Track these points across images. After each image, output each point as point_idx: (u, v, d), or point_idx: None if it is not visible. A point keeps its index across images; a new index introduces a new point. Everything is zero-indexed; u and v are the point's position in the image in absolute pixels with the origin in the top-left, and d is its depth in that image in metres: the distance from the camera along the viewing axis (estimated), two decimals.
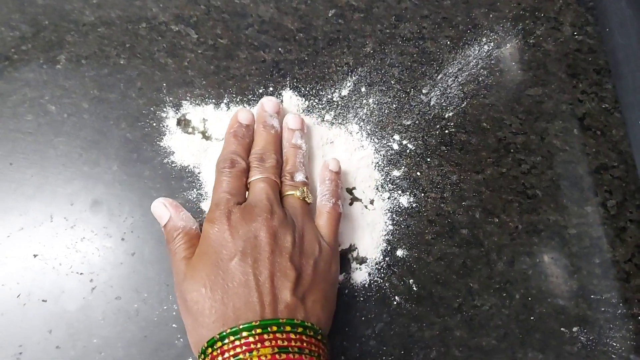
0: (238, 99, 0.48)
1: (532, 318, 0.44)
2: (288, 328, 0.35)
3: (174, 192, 0.45)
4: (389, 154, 0.47)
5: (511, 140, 0.48)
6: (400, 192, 0.46)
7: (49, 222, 0.44)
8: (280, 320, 0.35)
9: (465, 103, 0.49)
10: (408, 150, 0.48)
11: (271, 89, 0.48)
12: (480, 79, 0.50)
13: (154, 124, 0.47)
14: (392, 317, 0.43)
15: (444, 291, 0.44)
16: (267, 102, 0.45)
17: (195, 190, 0.45)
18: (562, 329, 0.44)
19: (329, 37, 0.50)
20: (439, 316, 0.44)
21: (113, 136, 0.46)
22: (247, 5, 0.51)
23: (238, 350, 0.33)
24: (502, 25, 0.52)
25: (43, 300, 0.42)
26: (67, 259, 0.43)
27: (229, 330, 0.34)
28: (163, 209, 0.42)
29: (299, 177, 0.43)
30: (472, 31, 0.51)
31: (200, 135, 0.47)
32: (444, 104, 0.49)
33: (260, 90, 0.48)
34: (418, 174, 0.47)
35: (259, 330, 0.34)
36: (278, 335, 0.34)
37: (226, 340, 0.34)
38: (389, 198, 0.46)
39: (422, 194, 0.47)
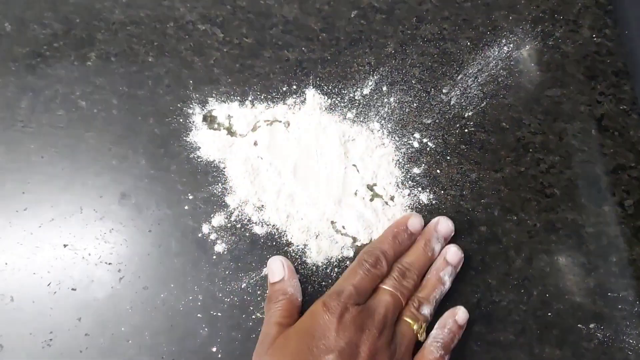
0: (262, 97, 0.49)
1: (549, 314, 0.45)
2: None
3: (200, 186, 0.46)
4: (409, 151, 0.48)
5: (530, 139, 0.49)
6: (420, 189, 0.47)
7: (79, 213, 0.45)
8: None
9: (484, 103, 0.50)
10: (428, 149, 0.48)
11: (294, 87, 0.49)
12: (500, 79, 0.51)
13: (181, 120, 0.48)
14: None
15: (462, 286, 0.45)
16: (444, 224, 0.45)
17: (220, 184, 0.47)
18: (579, 325, 0.45)
19: (352, 37, 0.51)
20: None
21: (141, 131, 0.47)
22: (271, 5, 0.52)
23: None
24: (522, 27, 0.52)
25: (73, 289, 0.44)
26: (96, 249, 0.44)
27: None
28: (280, 266, 0.43)
29: (425, 310, 0.42)
30: (492, 33, 0.52)
31: (225, 131, 0.48)
32: (463, 104, 0.50)
33: (284, 89, 0.49)
34: (438, 171, 0.48)
35: None
36: None
37: None
38: (409, 195, 0.47)
39: (442, 192, 0.47)
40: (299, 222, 0.46)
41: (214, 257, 0.45)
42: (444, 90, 0.50)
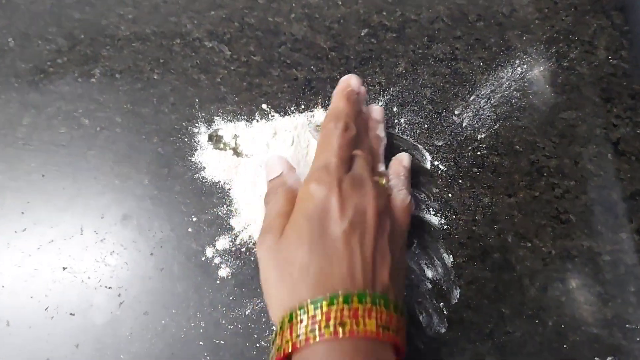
0: (270, 117, 0.48)
1: (565, 346, 0.43)
2: (391, 306, 0.34)
3: (204, 207, 0.45)
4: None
5: (544, 163, 0.48)
6: (432, 213, 0.46)
7: (79, 234, 0.44)
8: (385, 297, 0.34)
9: (497, 125, 0.49)
10: (439, 171, 0.47)
11: (303, 106, 0.48)
12: (513, 101, 0.49)
13: (186, 139, 0.47)
14: (422, 341, 0.43)
15: (475, 316, 0.44)
16: (355, 80, 0.44)
17: (225, 206, 0.45)
18: (596, 358, 0.43)
19: (362, 56, 0.50)
20: (470, 342, 0.43)
21: (145, 150, 0.46)
22: (280, 23, 0.51)
23: (345, 314, 0.32)
24: (536, 48, 0.51)
25: (71, 314, 0.42)
26: (96, 272, 0.43)
27: (340, 295, 0.33)
28: (278, 162, 0.41)
29: (382, 167, 0.43)
30: (505, 53, 0.51)
31: (231, 151, 0.47)
32: (476, 126, 0.48)
33: (292, 108, 0.48)
34: (449, 195, 0.47)
35: (368, 299, 0.33)
36: (382, 309, 0.33)
37: (335, 302, 0.33)
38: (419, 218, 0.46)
39: (454, 216, 0.46)
40: None
41: (218, 282, 0.43)
42: (455, 112, 0.49)
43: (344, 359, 0.32)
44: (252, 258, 0.44)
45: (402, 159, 0.44)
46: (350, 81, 0.43)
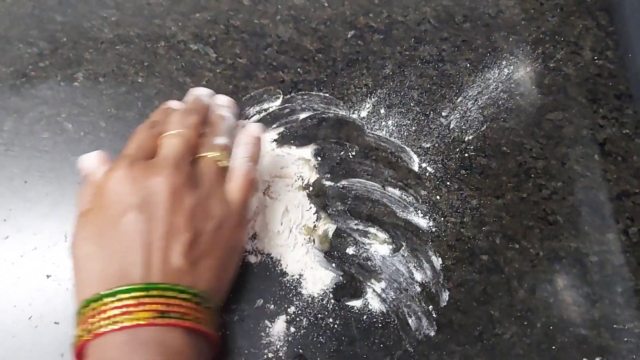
0: (257, 119, 0.47)
1: (553, 348, 0.43)
2: (171, 293, 0.33)
3: None
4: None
5: (532, 165, 0.48)
6: (420, 215, 0.46)
7: (64, 242, 0.43)
8: (165, 285, 0.33)
9: (485, 126, 0.48)
10: (427, 174, 0.47)
11: (289, 109, 0.48)
12: (500, 102, 0.49)
13: None
14: (411, 344, 0.42)
15: (464, 319, 0.43)
16: (200, 88, 0.45)
17: None
18: (584, 359, 0.43)
19: (348, 58, 0.50)
20: (460, 344, 0.43)
21: None
22: (266, 25, 0.50)
23: (116, 312, 0.31)
24: (522, 49, 0.51)
25: (55, 323, 0.41)
26: None
27: (108, 291, 0.32)
28: (89, 159, 0.39)
29: (220, 140, 0.41)
30: (492, 54, 0.51)
31: None
32: (463, 127, 0.48)
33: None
34: (437, 197, 0.46)
35: (141, 294, 0.32)
36: (160, 299, 0.32)
37: (105, 300, 0.32)
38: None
39: (442, 218, 0.46)
40: (293, 251, 0.44)
41: None
42: (443, 113, 0.49)
43: (135, 348, 0.31)
44: (240, 264, 0.43)
45: (249, 128, 0.42)
46: (171, 102, 0.45)
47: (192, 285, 0.34)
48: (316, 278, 0.43)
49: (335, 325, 0.42)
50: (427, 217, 0.46)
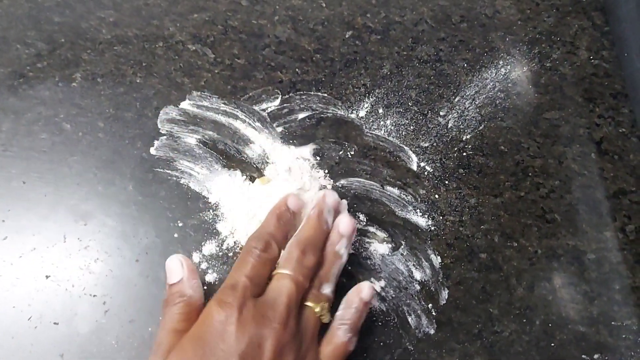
0: (254, 119, 0.47)
1: (552, 345, 0.43)
2: None
3: (190, 213, 0.44)
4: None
5: (529, 163, 0.48)
6: (418, 214, 0.46)
7: (62, 242, 0.43)
8: None
9: (482, 126, 0.49)
10: (426, 173, 0.47)
11: (287, 110, 0.48)
12: (498, 101, 0.50)
13: None
14: (411, 342, 0.42)
15: (463, 317, 0.44)
16: (330, 195, 0.41)
17: (211, 211, 0.45)
18: (583, 356, 0.43)
19: (346, 58, 0.50)
20: (459, 342, 0.43)
21: (129, 156, 0.46)
22: (264, 25, 0.51)
23: None
24: (519, 49, 0.52)
25: (55, 323, 0.41)
26: (80, 280, 0.42)
27: None
28: (179, 267, 0.40)
29: (327, 289, 0.39)
30: (489, 54, 0.51)
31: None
32: (461, 127, 0.49)
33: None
34: (436, 196, 0.47)
35: None
36: None
37: None
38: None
39: (441, 217, 0.46)
40: None
41: (205, 287, 0.43)
42: (441, 113, 0.49)
43: None
44: None
45: (361, 289, 0.41)
46: (287, 200, 0.41)
47: None
48: None
49: None
50: (426, 216, 0.46)
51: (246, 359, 0.33)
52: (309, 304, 0.38)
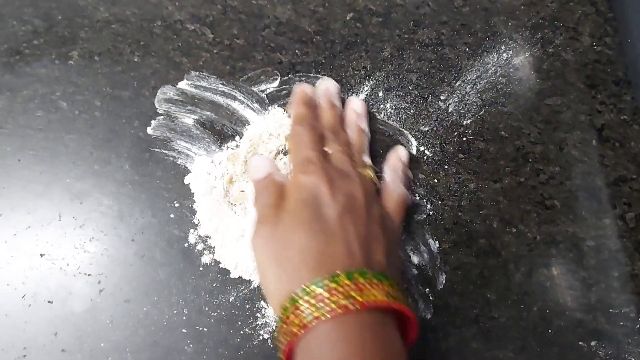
0: (253, 101, 0.47)
1: (549, 331, 0.43)
2: (390, 282, 0.34)
3: (187, 193, 0.44)
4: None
5: (529, 149, 0.48)
6: (417, 199, 0.46)
7: (57, 220, 0.43)
8: (384, 274, 0.35)
9: (483, 111, 0.48)
10: (425, 157, 0.47)
11: (286, 91, 0.47)
12: (499, 86, 0.49)
13: None
14: None
15: (460, 302, 0.43)
16: (332, 84, 0.46)
17: None
18: (580, 343, 0.43)
19: (347, 40, 0.50)
20: (456, 327, 0.43)
21: (125, 135, 0.45)
22: (264, 6, 0.50)
23: (352, 287, 0.32)
24: (521, 34, 0.51)
25: (49, 302, 0.41)
26: (75, 259, 0.42)
27: (342, 273, 0.33)
28: (265, 162, 0.41)
29: (366, 159, 0.43)
30: (491, 39, 0.51)
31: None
32: (462, 111, 0.48)
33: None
34: (435, 181, 0.46)
35: (370, 275, 0.33)
36: (386, 283, 0.34)
37: (337, 281, 0.33)
38: None
39: (439, 202, 0.46)
40: None
41: (201, 268, 0.42)
42: (441, 97, 0.49)
43: (352, 333, 0.32)
44: None
45: (399, 153, 0.45)
46: (302, 87, 0.45)
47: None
48: None
49: None
50: (425, 200, 0.46)
51: (347, 208, 0.37)
52: (359, 170, 0.41)
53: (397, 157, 0.45)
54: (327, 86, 0.46)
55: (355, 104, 0.46)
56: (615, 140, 0.48)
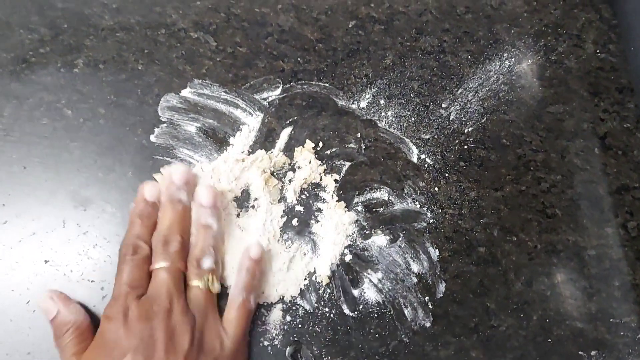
0: (255, 108, 0.47)
1: (549, 340, 0.43)
2: None
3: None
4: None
5: (531, 157, 0.47)
6: (417, 207, 0.46)
7: (62, 227, 0.43)
8: None
9: (485, 118, 0.48)
10: (426, 165, 0.47)
11: (288, 99, 0.48)
12: (501, 94, 0.49)
13: None
14: (407, 335, 0.42)
15: (460, 310, 0.43)
16: (175, 172, 0.42)
17: None
18: (580, 352, 0.43)
19: (349, 48, 0.50)
20: (455, 336, 0.43)
21: (129, 142, 0.46)
22: (267, 14, 0.50)
23: None
24: (524, 41, 0.51)
25: None
26: (78, 265, 0.43)
27: None
28: (50, 302, 0.39)
29: (206, 263, 0.40)
30: (494, 46, 0.51)
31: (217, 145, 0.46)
32: (463, 119, 0.48)
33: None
34: (436, 189, 0.46)
35: None
36: None
37: None
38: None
39: (440, 210, 0.46)
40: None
41: None
42: (443, 105, 0.49)
43: None
44: None
45: (249, 249, 0.42)
46: (144, 193, 0.42)
47: None
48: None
49: (331, 315, 0.42)
50: (425, 209, 0.46)
51: (139, 352, 0.35)
52: (192, 282, 0.39)
53: (245, 256, 0.41)
54: (169, 176, 0.42)
55: (201, 196, 0.42)
56: (618, 148, 0.48)
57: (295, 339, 0.42)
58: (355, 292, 0.43)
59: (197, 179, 0.44)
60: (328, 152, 0.46)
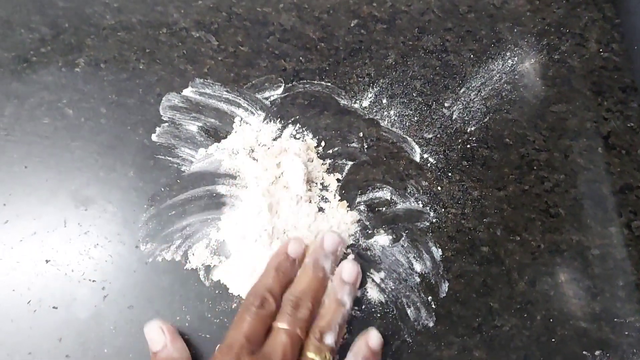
0: (257, 108, 0.47)
1: (553, 340, 0.43)
2: None
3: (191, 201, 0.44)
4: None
5: (534, 157, 0.47)
6: (420, 206, 0.45)
7: (63, 227, 0.43)
8: None
9: (487, 118, 0.48)
10: (429, 164, 0.47)
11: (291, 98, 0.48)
12: (504, 93, 0.49)
13: None
14: (410, 335, 0.42)
15: (463, 310, 0.43)
16: (328, 239, 0.42)
17: None
18: (584, 352, 0.43)
19: (351, 47, 0.50)
20: (458, 335, 0.43)
21: (130, 142, 0.45)
22: (268, 13, 0.50)
23: None
24: (527, 40, 0.51)
25: (54, 307, 0.41)
26: (79, 265, 0.42)
27: None
28: (159, 333, 0.39)
29: (328, 339, 0.38)
30: (496, 45, 0.50)
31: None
32: (466, 118, 0.48)
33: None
34: (439, 188, 0.46)
35: None
36: None
37: None
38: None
39: (443, 210, 0.46)
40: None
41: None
42: (445, 104, 0.48)
43: None
44: None
45: (369, 338, 0.40)
46: (287, 247, 0.41)
47: None
48: None
49: None
50: (428, 208, 0.45)
51: None
52: (309, 354, 0.37)
53: (364, 343, 0.40)
54: (321, 241, 0.42)
55: (346, 272, 0.41)
56: (621, 147, 0.48)
57: None
58: (358, 292, 0.43)
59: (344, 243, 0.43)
60: (330, 151, 0.46)
